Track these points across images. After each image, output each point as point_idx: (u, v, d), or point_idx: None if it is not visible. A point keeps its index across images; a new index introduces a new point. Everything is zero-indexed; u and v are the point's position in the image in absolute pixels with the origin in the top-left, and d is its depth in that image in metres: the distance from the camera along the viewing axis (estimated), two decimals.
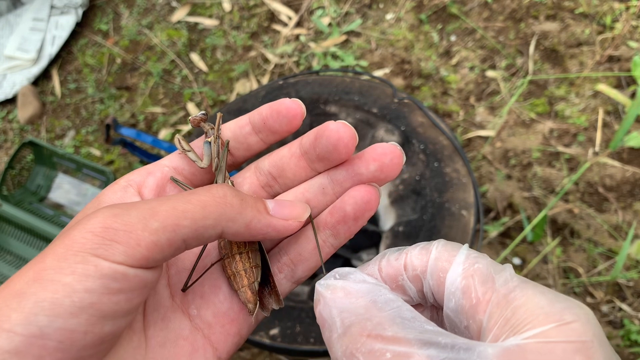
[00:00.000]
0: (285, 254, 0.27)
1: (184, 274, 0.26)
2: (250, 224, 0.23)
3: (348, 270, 0.22)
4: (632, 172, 1.05)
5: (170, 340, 0.24)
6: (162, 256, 0.21)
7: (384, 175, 0.25)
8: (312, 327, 0.59)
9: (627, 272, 0.94)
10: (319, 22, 1.36)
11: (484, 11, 1.33)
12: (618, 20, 1.25)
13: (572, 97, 1.16)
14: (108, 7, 1.52)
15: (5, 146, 1.35)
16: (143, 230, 0.20)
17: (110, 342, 0.21)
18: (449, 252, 0.21)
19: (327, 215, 0.26)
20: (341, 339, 0.18)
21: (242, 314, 0.26)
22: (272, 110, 0.26)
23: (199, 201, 0.22)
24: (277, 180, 0.28)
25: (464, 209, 0.66)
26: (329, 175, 0.27)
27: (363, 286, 0.20)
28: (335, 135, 0.24)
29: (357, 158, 0.26)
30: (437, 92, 1.22)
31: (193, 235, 0.21)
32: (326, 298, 0.20)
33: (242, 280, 0.26)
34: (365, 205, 0.25)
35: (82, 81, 1.40)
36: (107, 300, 0.19)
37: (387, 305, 0.19)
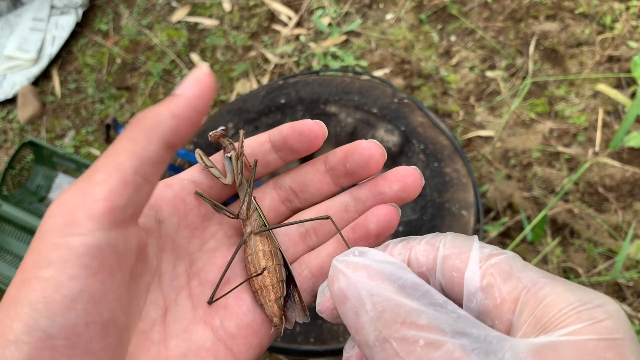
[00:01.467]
0: (307, 268, 0.28)
1: (207, 286, 0.26)
2: (172, 111, 0.22)
3: (366, 248, 0.21)
4: (632, 172, 1.05)
5: (192, 351, 0.24)
6: (124, 200, 0.20)
7: (406, 195, 0.27)
8: (312, 327, 0.59)
9: (627, 272, 0.94)
10: (319, 22, 1.36)
11: (484, 11, 1.33)
12: (618, 20, 1.25)
13: (572, 97, 1.16)
14: (108, 7, 1.52)
15: (5, 146, 1.35)
16: (93, 187, 0.20)
17: (117, 335, 0.21)
18: (459, 248, 0.20)
19: (349, 231, 0.27)
20: (374, 323, 0.18)
21: (264, 326, 0.26)
22: (294, 131, 0.27)
23: (124, 138, 0.21)
24: (298, 196, 0.29)
25: (464, 209, 0.66)
26: (352, 193, 0.28)
27: (386, 267, 0.20)
28: (368, 152, 0.26)
29: (381, 179, 0.27)
30: (437, 92, 1.22)
31: (138, 163, 0.21)
32: (349, 277, 0.19)
33: (269, 295, 0.26)
34: (388, 223, 0.27)
35: (82, 81, 1.40)
36: (93, 282, 0.19)
37: (416, 291, 0.19)
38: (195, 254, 0.27)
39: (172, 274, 0.26)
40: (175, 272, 0.26)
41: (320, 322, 0.60)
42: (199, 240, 0.27)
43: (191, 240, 0.27)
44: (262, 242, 0.28)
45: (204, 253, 0.27)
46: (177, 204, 0.27)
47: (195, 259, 0.27)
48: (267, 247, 0.28)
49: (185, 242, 0.27)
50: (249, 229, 0.28)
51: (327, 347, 0.57)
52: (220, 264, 0.27)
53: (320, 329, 0.59)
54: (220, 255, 0.27)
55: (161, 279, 0.25)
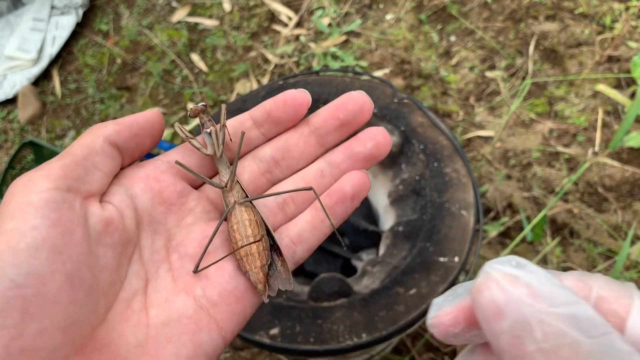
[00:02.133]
0: (286, 236, 0.28)
1: (186, 260, 0.27)
2: (117, 120, 0.26)
3: (525, 260, 0.18)
4: (632, 172, 1.05)
5: (174, 319, 0.24)
6: (76, 174, 0.23)
7: (379, 152, 0.28)
8: (312, 327, 0.59)
9: (626, 272, 0.94)
10: (319, 23, 1.36)
11: (484, 11, 1.33)
12: (618, 21, 1.26)
13: (572, 97, 1.16)
14: (108, 7, 1.52)
15: (6, 146, 1.35)
16: (49, 163, 0.23)
17: (85, 292, 0.22)
18: (617, 292, 0.18)
19: (325, 197, 0.28)
20: (548, 357, 0.15)
21: (247, 293, 0.27)
22: (277, 102, 0.28)
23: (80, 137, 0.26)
24: (279, 164, 0.29)
25: (463, 209, 0.66)
26: (326, 159, 0.29)
27: (556, 291, 0.17)
28: (361, 99, 0.28)
29: (353, 140, 0.29)
30: (437, 92, 1.22)
31: (87, 151, 0.24)
32: (509, 292, 0.17)
33: (255, 262, 0.27)
34: (361, 185, 0.28)
35: (83, 81, 1.40)
36: (53, 232, 0.21)
37: (593, 329, 0.16)
38: (173, 229, 0.27)
39: (151, 249, 0.26)
40: (154, 246, 0.26)
41: (320, 322, 0.60)
42: (176, 216, 0.28)
43: (168, 216, 0.27)
44: (247, 211, 0.28)
45: (182, 228, 0.28)
46: (150, 181, 0.27)
47: (174, 234, 0.27)
48: (252, 217, 0.28)
49: (162, 218, 0.27)
50: (232, 200, 0.28)
51: (327, 347, 0.57)
52: (199, 237, 0.27)
53: (320, 329, 0.59)
54: (198, 230, 0.28)
55: (141, 252, 0.26)
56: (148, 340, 0.23)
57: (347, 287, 0.63)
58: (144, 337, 0.23)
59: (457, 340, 0.20)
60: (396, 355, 0.90)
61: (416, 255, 0.63)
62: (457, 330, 0.19)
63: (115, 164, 0.26)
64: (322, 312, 0.60)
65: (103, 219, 0.24)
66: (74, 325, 0.21)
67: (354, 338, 0.58)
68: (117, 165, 0.26)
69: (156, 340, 0.24)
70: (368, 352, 0.79)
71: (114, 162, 0.26)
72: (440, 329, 0.20)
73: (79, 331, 0.21)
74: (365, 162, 0.28)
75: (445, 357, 0.91)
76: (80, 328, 0.21)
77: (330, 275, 0.65)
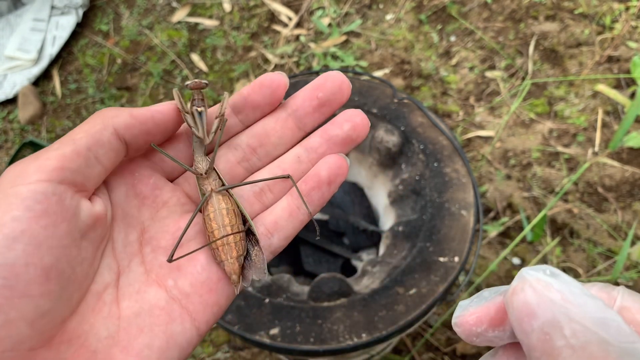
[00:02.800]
0: (262, 224, 0.28)
1: (159, 253, 0.26)
2: (132, 113, 0.25)
3: (558, 270, 0.19)
4: (632, 172, 1.05)
5: (145, 310, 0.24)
6: (74, 166, 0.22)
7: (356, 134, 0.28)
8: (312, 327, 0.59)
9: (626, 272, 0.94)
10: (319, 23, 1.36)
11: (484, 11, 1.33)
12: (617, 21, 1.26)
13: (572, 97, 1.16)
14: (108, 7, 1.52)
15: (6, 146, 1.35)
16: (47, 152, 0.22)
17: (60, 285, 0.21)
18: (639, 304, 0.19)
19: (301, 184, 0.27)
20: (577, 352, 0.16)
21: (220, 284, 0.26)
22: (254, 86, 0.28)
23: (85, 123, 0.24)
24: (256, 152, 0.29)
25: (463, 209, 0.66)
26: (303, 144, 0.28)
27: (587, 300, 0.17)
28: (339, 78, 0.28)
29: (330, 124, 0.28)
30: (436, 93, 1.22)
31: (92, 141, 0.23)
32: (542, 293, 0.18)
33: (231, 252, 0.26)
34: (338, 169, 0.27)
35: (83, 81, 1.41)
36: (35, 225, 0.20)
37: (623, 337, 0.16)
38: (147, 222, 0.27)
39: (124, 242, 0.26)
40: (127, 239, 0.26)
41: (320, 322, 0.60)
42: (149, 209, 0.27)
43: (141, 209, 0.27)
44: (225, 200, 0.27)
45: (155, 222, 0.27)
46: (125, 174, 0.27)
47: (147, 227, 0.27)
48: (230, 206, 0.27)
49: (136, 212, 0.27)
50: (209, 188, 0.28)
51: (327, 347, 0.58)
52: (173, 230, 0.27)
53: (320, 329, 0.59)
54: (172, 223, 0.27)
55: (114, 246, 0.26)
56: (119, 332, 0.23)
57: (347, 287, 0.63)
58: (115, 328, 0.23)
59: (479, 340, 0.21)
60: (396, 355, 0.90)
61: (416, 255, 0.63)
62: (480, 330, 0.20)
63: (118, 158, 0.25)
64: (322, 312, 0.60)
65: (93, 214, 0.24)
66: (43, 317, 0.21)
67: (354, 338, 0.58)
68: (118, 160, 0.25)
69: (127, 332, 0.23)
70: (368, 352, 0.79)
71: (117, 157, 0.25)
72: (464, 328, 0.21)
73: (49, 323, 0.21)
74: (342, 146, 0.28)
75: (445, 357, 0.91)
76: (50, 320, 0.21)
77: (330, 275, 0.65)
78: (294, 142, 0.29)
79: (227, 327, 0.60)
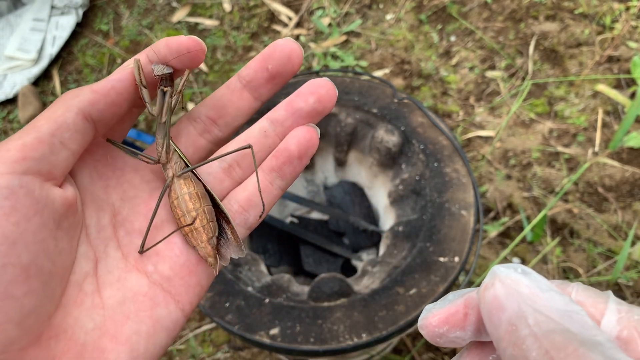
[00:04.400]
0: (235, 202, 0.27)
1: (134, 235, 0.26)
2: (92, 88, 0.24)
3: (529, 269, 0.20)
4: (632, 172, 1.05)
5: (129, 298, 0.24)
6: (38, 154, 0.21)
7: (322, 107, 0.27)
8: (312, 327, 0.59)
9: (626, 272, 0.94)
10: (319, 23, 1.36)
11: (484, 11, 1.33)
12: (618, 21, 1.26)
13: (572, 97, 1.16)
14: (108, 7, 1.52)
15: None
16: (8, 142, 0.21)
17: (42, 282, 0.21)
18: (593, 298, 0.19)
19: (271, 159, 0.27)
20: (539, 341, 0.17)
21: (200, 265, 0.26)
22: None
23: (47, 109, 0.23)
24: (216, 123, 0.28)
25: (463, 209, 0.66)
26: (269, 118, 0.28)
27: (554, 295, 0.18)
28: (288, 47, 0.26)
29: (295, 95, 0.27)
30: (437, 92, 1.22)
31: (55, 126, 0.22)
32: (510, 288, 0.19)
33: (200, 237, 0.26)
34: (308, 142, 0.26)
35: (83, 81, 1.40)
36: (6, 223, 0.20)
37: (587, 330, 0.17)
38: (117, 204, 0.26)
39: (97, 226, 0.25)
40: (100, 224, 0.26)
41: (320, 322, 0.60)
42: (116, 190, 0.27)
43: (108, 190, 0.26)
44: (187, 184, 0.27)
45: (125, 202, 0.27)
46: (84, 156, 0.26)
47: (118, 209, 0.26)
48: (192, 189, 0.27)
49: (103, 194, 0.26)
50: (170, 173, 0.27)
51: (327, 347, 0.57)
52: (144, 211, 0.27)
53: (320, 329, 0.59)
54: (142, 203, 0.27)
55: (87, 232, 0.25)
56: (105, 321, 0.23)
57: (347, 287, 0.63)
58: (101, 318, 0.23)
59: (442, 341, 0.21)
60: (396, 355, 0.90)
61: (416, 255, 0.63)
62: (442, 331, 0.21)
63: (86, 139, 0.24)
64: (322, 312, 0.60)
65: (65, 202, 0.23)
66: (29, 316, 0.20)
67: (354, 338, 0.58)
68: (87, 141, 0.24)
69: (114, 320, 0.23)
70: (368, 352, 0.79)
71: (85, 137, 0.24)
72: (428, 330, 0.21)
73: (36, 321, 0.21)
74: (309, 119, 0.27)
75: (445, 357, 0.91)
76: (37, 318, 0.21)
77: (330, 275, 0.65)
78: (252, 112, 0.28)
79: (227, 327, 0.60)
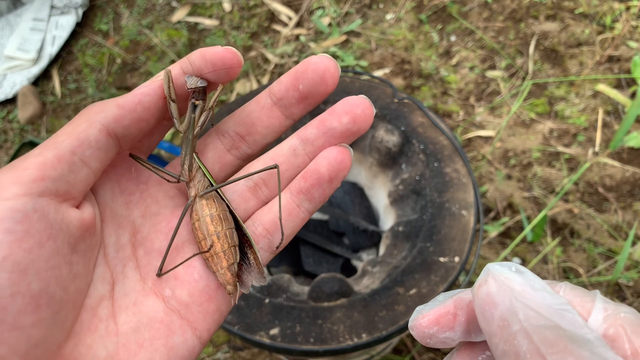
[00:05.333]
0: (260, 224, 0.26)
1: (153, 255, 0.25)
2: (118, 103, 0.23)
3: (524, 268, 0.20)
4: (632, 172, 1.05)
5: (144, 324, 0.23)
6: (56, 173, 0.20)
7: (357, 128, 0.25)
8: (312, 327, 0.59)
9: (626, 272, 0.94)
10: (319, 22, 1.36)
11: (484, 11, 1.33)
12: (618, 21, 1.25)
13: (572, 97, 1.16)
14: (108, 7, 1.52)
15: (6, 146, 1.35)
16: (26, 159, 0.20)
17: (52, 311, 0.20)
18: (581, 297, 0.19)
19: (300, 180, 0.25)
20: (529, 337, 0.17)
21: (220, 290, 0.25)
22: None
23: (69, 123, 0.22)
24: (245, 139, 0.26)
25: (464, 209, 0.66)
26: (299, 135, 0.26)
27: (545, 295, 0.18)
28: (322, 66, 0.24)
29: (328, 114, 0.25)
30: (437, 92, 1.22)
31: (77, 143, 0.21)
32: (503, 285, 0.19)
33: (221, 262, 0.25)
34: (339, 165, 0.25)
35: (83, 81, 1.40)
36: (18, 249, 0.18)
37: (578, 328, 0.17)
38: (138, 221, 0.25)
39: (116, 245, 0.24)
40: (119, 242, 0.24)
41: (321, 322, 0.60)
42: (138, 206, 0.25)
43: (130, 206, 0.25)
44: (209, 205, 0.25)
45: (146, 219, 0.25)
46: (108, 170, 0.25)
47: (139, 226, 0.25)
48: (214, 211, 0.25)
49: (124, 210, 0.25)
50: (193, 192, 0.26)
51: (327, 347, 0.57)
52: (165, 230, 0.25)
53: (320, 328, 0.59)
54: (164, 220, 0.26)
55: (106, 252, 0.24)
56: (118, 350, 0.22)
57: (347, 287, 0.63)
58: (114, 346, 0.22)
59: (432, 342, 0.22)
60: (396, 355, 0.89)
61: (416, 255, 0.63)
62: (432, 332, 0.21)
63: (109, 156, 0.23)
64: (322, 312, 0.60)
65: (82, 224, 0.22)
66: (37, 347, 0.19)
67: (354, 338, 0.58)
68: (110, 158, 0.23)
69: (127, 349, 0.22)
70: (368, 352, 0.79)
71: (108, 155, 0.23)
72: (418, 331, 0.22)
73: (44, 353, 0.19)
74: (341, 139, 0.25)
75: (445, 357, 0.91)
76: (45, 349, 0.19)
77: (330, 275, 0.65)
78: (283, 130, 0.26)
79: (227, 327, 0.60)
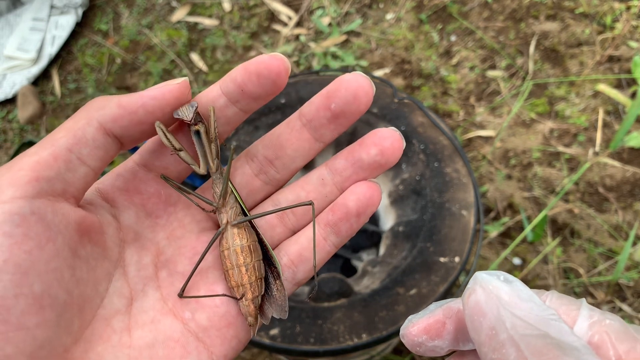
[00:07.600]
0: (285, 255, 0.26)
1: (176, 277, 0.25)
2: (120, 102, 0.22)
3: (513, 277, 0.20)
4: (632, 172, 1.05)
5: (160, 341, 0.23)
6: (52, 173, 0.20)
7: (385, 160, 0.24)
8: (312, 327, 0.59)
9: (627, 272, 0.94)
10: (319, 22, 1.36)
11: (484, 11, 1.33)
12: (618, 20, 1.25)
13: (572, 97, 1.16)
14: (108, 7, 1.52)
15: (5, 146, 1.35)
16: (22, 158, 0.20)
17: (56, 312, 0.20)
18: (567, 305, 0.20)
19: (328, 213, 0.25)
20: (516, 344, 0.17)
21: (239, 318, 0.25)
22: (249, 74, 0.23)
23: (69, 119, 0.22)
24: (273, 164, 0.26)
25: (464, 209, 0.66)
26: (328, 165, 0.26)
27: (532, 304, 0.19)
28: (355, 84, 0.23)
29: (357, 145, 0.25)
30: (437, 92, 1.22)
31: (73, 140, 0.21)
32: (491, 294, 0.19)
33: (246, 294, 0.25)
34: (368, 200, 0.25)
35: (82, 81, 1.40)
36: (18, 251, 0.19)
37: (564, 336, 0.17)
38: (163, 243, 0.25)
39: (138, 265, 0.24)
40: (141, 262, 0.24)
41: (321, 322, 0.60)
42: (164, 229, 0.25)
43: (155, 229, 0.25)
44: (241, 235, 0.25)
45: (171, 242, 0.25)
46: (132, 195, 0.25)
47: (163, 248, 0.25)
48: (245, 242, 0.25)
49: (150, 232, 0.25)
50: (225, 219, 0.26)
51: (327, 347, 0.57)
52: (190, 254, 0.25)
53: (320, 329, 0.59)
54: (188, 245, 0.25)
55: (126, 270, 0.24)
56: None
57: (347, 287, 0.63)
58: (126, 358, 0.22)
59: (421, 350, 0.22)
60: (396, 356, 0.89)
61: (416, 255, 0.63)
62: (421, 340, 0.22)
63: (108, 155, 0.22)
64: (322, 312, 0.60)
65: (81, 226, 0.22)
66: (42, 348, 0.19)
67: (354, 338, 0.57)
68: (111, 156, 0.23)
69: None
70: (368, 353, 0.79)
71: (108, 153, 0.22)
72: (408, 339, 0.22)
73: (49, 353, 0.19)
74: (369, 171, 0.25)
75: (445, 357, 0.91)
76: (51, 350, 0.20)
77: (330, 275, 0.64)
78: (313, 154, 0.26)
79: None
